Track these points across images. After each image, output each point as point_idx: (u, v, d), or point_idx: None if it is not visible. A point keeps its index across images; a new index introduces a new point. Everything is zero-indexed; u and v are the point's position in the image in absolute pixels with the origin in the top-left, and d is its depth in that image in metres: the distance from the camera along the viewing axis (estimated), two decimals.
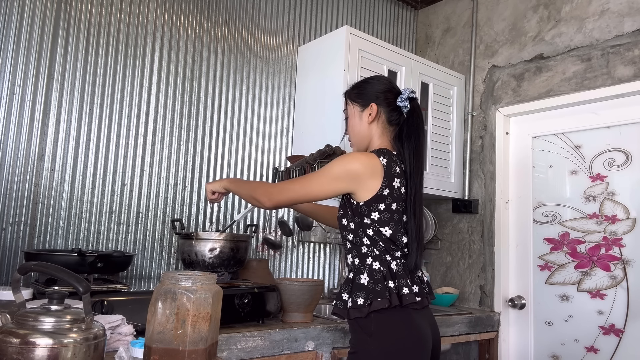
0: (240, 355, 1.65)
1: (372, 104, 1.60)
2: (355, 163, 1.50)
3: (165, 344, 1.08)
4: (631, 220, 2.27)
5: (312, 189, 1.53)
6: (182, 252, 2.02)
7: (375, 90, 1.62)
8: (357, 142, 1.66)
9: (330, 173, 1.51)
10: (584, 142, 2.46)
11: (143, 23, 2.25)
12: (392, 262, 1.50)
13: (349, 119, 1.67)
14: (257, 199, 1.59)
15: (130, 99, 2.20)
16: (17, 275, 1.12)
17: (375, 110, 1.59)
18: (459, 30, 3.06)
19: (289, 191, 1.56)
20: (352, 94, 1.66)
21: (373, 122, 1.60)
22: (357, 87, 1.67)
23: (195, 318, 1.09)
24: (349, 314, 1.48)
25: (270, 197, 1.57)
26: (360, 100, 1.63)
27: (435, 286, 2.92)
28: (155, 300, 1.12)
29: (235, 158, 2.49)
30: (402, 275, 1.49)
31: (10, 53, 1.93)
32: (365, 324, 1.45)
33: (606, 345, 2.30)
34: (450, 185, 2.82)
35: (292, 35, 2.73)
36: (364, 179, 1.49)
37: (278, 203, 1.58)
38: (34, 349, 0.97)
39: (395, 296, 1.45)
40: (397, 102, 1.59)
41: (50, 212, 1.98)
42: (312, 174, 1.57)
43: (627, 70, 2.28)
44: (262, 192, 1.59)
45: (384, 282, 1.47)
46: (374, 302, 1.44)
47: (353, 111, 1.65)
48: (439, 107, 2.81)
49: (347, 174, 1.49)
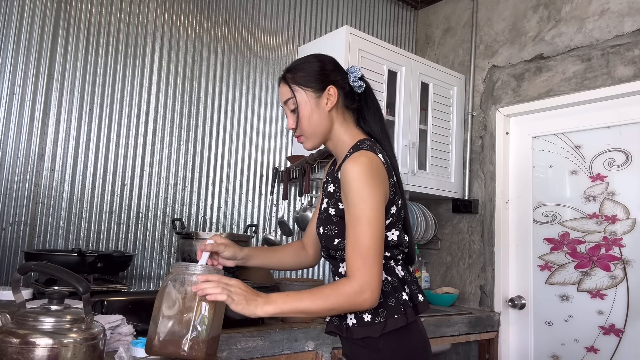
0: (240, 355, 1.65)
1: (330, 86, 1.32)
2: (373, 171, 1.22)
3: (170, 326, 1.10)
4: (631, 220, 2.27)
5: (379, 228, 1.19)
6: (182, 252, 2.02)
7: (329, 70, 1.35)
8: (312, 135, 1.35)
9: (371, 199, 1.19)
10: (584, 142, 2.46)
11: (143, 23, 2.25)
12: (396, 267, 1.30)
13: (300, 108, 1.33)
14: (357, 305, 1.17)
15: (130, 99, 2.20)
16: (17, 275, 1.12)
17: (335, 94, 1.32)
18: (459, 30, 3.06)
19: (374, 260, 1.17)
20: (299, 77, 1.34)
21: (333, 108, 1.33)
22: (301, 68, 1.36)
23: (201, 303, 1.11)
24: (351, 333, 1.24)
25: (372, 290, 1.16)
26: (313, 84, 1.33)
27: (435, 286, 2.92)
28: (165, 285, 1.14)
29: (235, 158, 2.49)
30: (411, 282, 1.30)
31: (10, 53, 1.93)
32: (373, 342, 1.23)
33: (606, 345, 2.30)
34: (450, 185, 2.82)
35: (292, 35, 2.73)
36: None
37: (379, 284, 1.18)
38: (34, 349, 0.97)
39: (410, 310, 1.25)
40: (350, 82, 1.36)
41: (50, 212, 1.98)
42: (358, 217, 1.18)
43: (627, 70, 2.28)
44: (353, 292, 1.15)
45: (395, 294, 1.24)
46: (389, 321, 1.21)
47: (305, 98, 1.33)
48: (439, 107, 2.81)
49: (379, 187, 1.22)
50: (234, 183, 2.47)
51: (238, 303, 1.12)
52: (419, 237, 2.79)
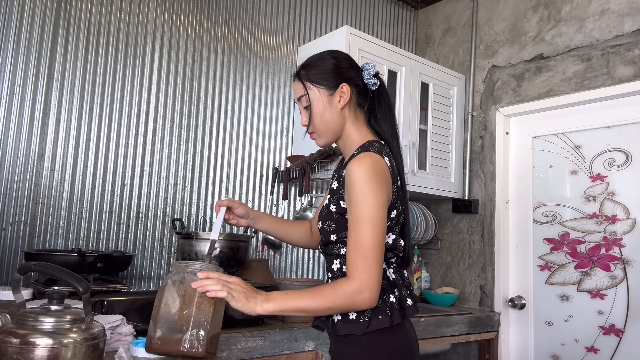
0: (240, 355, 1.65)
1: (343, 84, 1.33)
2: (377, 173, 1.22)
3: (170, 323, 1.10)
4: (631, 220, 2.27)
5: (380, 229, 1.19)
6: (182, 252, 2.02)
7: (343, 68, 1.35)
8: (325, 133, 1.35)
9: (373, 201, 1.19)
10: (584, 142, 2.46)
11: (143, 23, 2.25)
12: (388, 270, 1.30)
13: (313, 105, 1.34)
14: (355, 305, 1.18)
15: (130, 99, 2.20)
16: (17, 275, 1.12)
17: (348, 92, 1.33)
18: (459, 30, 3.06)
19: (374, 261, 1.17)
20: (312, 74, 1.35)
21: (346, 106, 1.34)
22: (314, 65, 1.37)
23: (201, 299, 1.12)
24: (336, 329, 1.26)
25: (371, 290, 1.17)
26: (326, 82, 1.33)
27: (435, 286, 2.92)
28: (165, 283, 1.15)
29: (235, 158, 2.49)
30: (401, 285, 1.30)
31: (10, 53, 1.93)
32: (356, 339, 1.25)
33: (606, 345, 2.30)
34: (450, 185, 2.82)
35: (292, 35, 2.73)
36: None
37: (378, 284, 1.18)
38: (33, 349, 0.97)
39: (397, 313, 1.25)
40: (365, 80, 1.35)
41: (50, 212, 1.98)
42: (360, 218, 1.18)
43: (627, 70, 2.28)
44: (351, 292, 1.16)
45: (383, 295, 1.25)
46: (373, 321, 1.22)
47: (318, 95, 1.33)
48: (439, 107, 2.81)
49: (382, 190, 1.22)
50: (234, 183, 2.47)
51: (238, 300, 1.12)
52: (419, 237, 2.79)
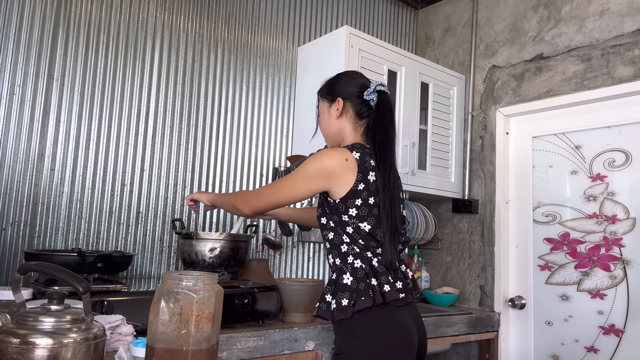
0: (240, 355, 1.65)
1: (339, 98, 1.61)
2: (327, 160, 1.49)
3: (168, 344, 1.08)
4: (631, 220, 2.27)
5: (288, 191, 1.52)
6: (182, 252, 2.02)
7: (344, 85, 1.63)
8: (328, 138, 1.69)
9: (304, 173, 1.50)
10: (584, 142, 2.46)
11: (143, 23, 2.25)
12: (373, 259, 1.49)
13: (320, 115, 1.69)
14: (237, 207, 1.60)
15: (130, 99, 2.20)
16: (17, 275, 1.12)
17: (342, 105, 1.60)
18: (459, 30, 3.06)
19: (266, 196, 1.56)
20: (323, 90, 1.69)
21: (341, 117, 1.61)
22: (327, 83, 1.69)
23: (199, 318, 1.09)
24: (333, 316, 1.46)
25: (248, 204, 1.57)
26: (328, 96, 1.65)
27: (435, 286, 2.92)
28: (158, 300, 1.11)
29: (235, 158, 2.49)
30: (383, 272, 1.47)
31: (10, 53, 1.93)
32: (349, 325, 1.44)
33: (606, 345, 2.30)
34: (450, 185, 2.82)
35: (292, 35, 2.73)
36: (337, 175, 1.48)
37: (257, 209, 1.57)
38: (33, 349, 0.97)
39: (378, 294, 1.44)
40: (364, 96, 1.59)
41: (50, 212, 1.98)
42: (287, 177, 1.55)
43: (627, 70, 2.28)
44: (241, 200, 1.60)
45: (366, 280, 1.45)
46: (357, 302, 1.43)
47: (323, 107, 1.67)
48: (439, 107, 2.81)
49: (321, 172, 1.48)
50: (234, 183, 2.47)
51: (199, 197, 1.79)
52: (419, 237, 2.79)
